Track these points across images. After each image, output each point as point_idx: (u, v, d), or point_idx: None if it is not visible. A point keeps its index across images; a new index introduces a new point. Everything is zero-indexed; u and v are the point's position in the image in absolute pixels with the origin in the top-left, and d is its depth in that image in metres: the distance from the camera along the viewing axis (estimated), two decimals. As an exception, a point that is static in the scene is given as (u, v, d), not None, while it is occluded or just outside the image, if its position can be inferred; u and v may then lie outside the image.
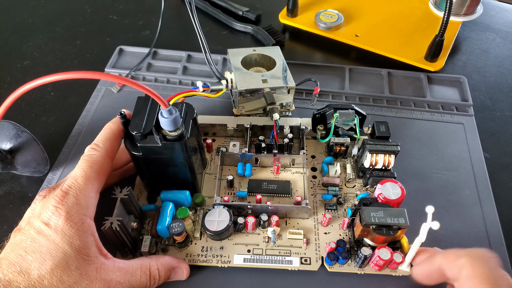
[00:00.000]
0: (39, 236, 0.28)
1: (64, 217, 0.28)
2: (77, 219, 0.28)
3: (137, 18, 0.62)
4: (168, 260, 0.33)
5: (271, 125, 0.42)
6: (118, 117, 0.34)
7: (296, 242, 0.36)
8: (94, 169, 0.31)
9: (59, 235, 0.27)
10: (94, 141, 0.33)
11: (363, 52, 0.56)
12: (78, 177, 0.30)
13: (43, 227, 0.28)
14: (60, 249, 0.27)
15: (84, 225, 0.29)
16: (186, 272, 0.34)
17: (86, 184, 0.30)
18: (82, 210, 0.29)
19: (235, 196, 0.39)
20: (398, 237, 0.33)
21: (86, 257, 0.28)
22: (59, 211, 0.28)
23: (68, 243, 0.28)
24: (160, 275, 0.32)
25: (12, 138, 0.39)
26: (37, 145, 0.39)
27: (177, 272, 0.33)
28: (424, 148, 0.45)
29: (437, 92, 0.51)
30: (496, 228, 0.38)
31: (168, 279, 0.33)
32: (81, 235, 0.28)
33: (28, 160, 0.40)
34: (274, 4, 0.63)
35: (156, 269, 0.32)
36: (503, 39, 0.60)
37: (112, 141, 0.33)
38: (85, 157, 0.32)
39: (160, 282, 0.33)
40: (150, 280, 0.31)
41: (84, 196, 0.29)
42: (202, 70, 0.53)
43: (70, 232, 0.28)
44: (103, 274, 0.28)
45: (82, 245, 0.28)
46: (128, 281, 0.30)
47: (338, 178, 0.40)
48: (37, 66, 0.54)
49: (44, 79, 0.26)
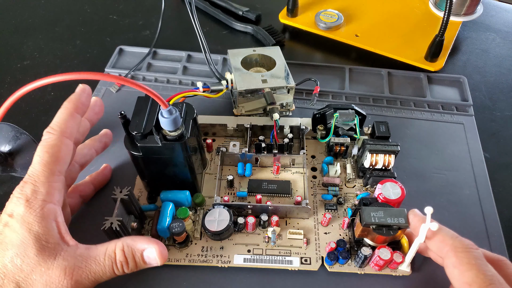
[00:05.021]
0: (5, 228, 0.28)
1: (24, 205, 0.28)
2: (37, 206, 0.28)
3: (137, 18, 0.62)
4: (135, 240, 0.30)
5: (271, 125, 0.42)
6: (74, 94, 0.33)
7: (296, 242, 0.36)
8: (51, 153, 0.30)
9: (19, 223, 0.28)
10: (50, 125, 0.32)
11: (363, 52, 0.56)
12: (35, 164, 0.30)
13: (8, 219, 0.28)
14: (19, 236, 0.27)
15: (44, 210, 0.28)
16: (158, 253, 0.30)
17: (44, 170, 0.30)
18: (41, 196, 0.29)
19: (235, 196, 0.39)
20: (398, 237, 0.33)
21: (45, 243, 0.28)
22: (20, 200, 0.28)
23: (27, 229, 0.28)
24: (126, 256, 0.30)
25: (11, 140, 0.39)
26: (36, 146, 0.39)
27: (149, 256, 0.30)
28: (424, 148, 0.45)
29: (437, 92, 0.51)
30: (496, 228, 0.38)
31: (143, 263, 0.31)
32: (41, 221, 0.28)
33: (27, 162, 0.39)
34: (274, 4, 0.63)
35: (121, 250, 0.29)
36: (503, 39, 0.60)
37: (68, 121, 0.32)
38: (41, 143, 0.31)
39: (131, 267, 0.30)
40: (115, 263, 0.29)
41: (42, 182, 0.29)
42: (202, 70, 0.53)
43: (29, 218, 0.28)
44: (60, 260, 0.28)
45: (41, 231, 0.28)
46: (90, 265, 0.29)
47: (338, 178, 0.40)
48: (37, 66, 0.54)
49: (43, 81, 0.26)
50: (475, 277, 0.27)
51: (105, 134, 0.40)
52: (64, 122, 0.32)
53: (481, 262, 0.28)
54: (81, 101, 0.34)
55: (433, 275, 0.35)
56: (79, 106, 0.33)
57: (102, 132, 0.41)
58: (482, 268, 0.27)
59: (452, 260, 0.28)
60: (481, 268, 0.27)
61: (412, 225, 0.32)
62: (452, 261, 0.28)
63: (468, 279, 0.27)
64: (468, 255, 0.28)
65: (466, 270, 0.27)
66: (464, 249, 0.28)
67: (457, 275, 0.28)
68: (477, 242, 0.29)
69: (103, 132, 0.41)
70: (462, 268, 0.28)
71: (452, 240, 0.29)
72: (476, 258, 0.28)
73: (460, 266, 0.28)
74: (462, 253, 0.28)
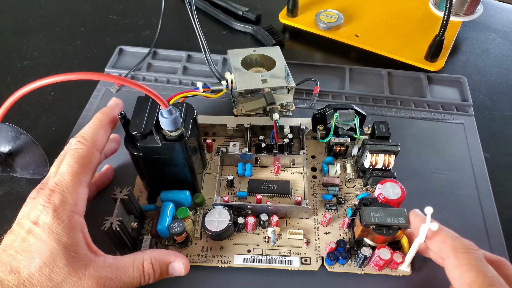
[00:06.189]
0: (29, 235, 0.28)
1: (52, 215, 0.28)
2: (65, 216, 0.28)
3: (137, 18, 0.62)
4: (163, 254, 0.32)
5: (271, 125, 0.42)
6: (108, 107, 0.33)
7: (296, 242, 0.36)
8: (81, 164, 0.30)
9: (46, 233, 0.27)
10: (81, 133, 0.32)
11: (363, 52, 0.56)
12: (64, 173, 0.30)
13: (32, 226, 0.28)
14: (48, 246, 0.27)
15: (72, 221, 0.29)
16: (184, 266, 0.32)
17: (73, 181, 0.29)
18: (70, 207, 0.29)
19: (235, 196, 0.39)
20: (398, 237, 0.33)
21: (74, 254, 0.28)
22: (46, 209, 0.28)
23: (56, 240, 0.27)
24: (154, 269, 0.31)
25: (10, 140, 0.39)
26: (36, 147, 0.39)
27: (174, 267, 0.32)
28: (424, 148, 0.45)
29: (437, 92, 0.51)
30: (496, 228, 0.38)
31: (166, 274, 0.32)
32: (69, 232, 0.28)
33: (27, 162, 0.39)
34: (274, 4, 0.63)
35: (149, 263, 0.31)
36: (503, 39, 0.60)
37: (100, 133, 0.32)
38: (71, 152, 0.31)
39: (156, 277, 0.31)
40: (143, 275, 0.30)
41: (71, 193, 0.29)
42: (202, 70, 0.53)
43: (58, 229, 0.28)
44: (92, 271, 0.28)
45: (70, 242, 0.28)
46: (120, 277, 0.29)
47: (338, 178, 0.40)
48: (37, 66, 0.54)
49: (43, 81, 0.26)
50: (475, 278, 0.27)
51: (113, 139, 0.40)
52: (96, 133, 0.32)
53: (482, 263, 0.27)
54: (114, 115, 0.34)
55: (433, 275, 0.35)
56: (112, 119, 0.34)
57: (112, 137, 0.40)
58: (483, 269, 0.27)
59: (452, 260, 0.28)
60: (481, 269, 0.27)
61: (413, 226, 0.32)
62: (452, 261, 0.28)
63: (468, 280, 0.27)
64: (468, 256, 0.28)
65: (466, 271, 0.27)
66: (465, 250, 0.28)
67: (457, 276, 0.28)
68: (477, 242, 0.29)
69: (112, 137, 0.40)
70: (462, 269, 0.27)
71: (452, 240, 0.29)
72: (476, 259, 0.28)
73: (460, 267, 0.28)
74: (463, 254, 0.28)
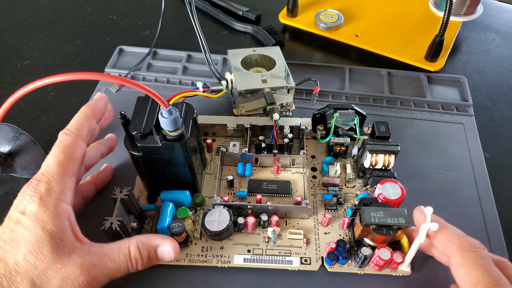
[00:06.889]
0: (17, 225, 0.28)
1: (38, 203, 0.28)
2: (50, 204, 0.29)
3: (137, 18, 0.62)
4: (150, 237, 0.32)
5: (271, 125, 0.42)
6: (93, 100, 0.35)
7: (296, 242, 0.36)
8: (66, 154, 0.31)
9: (33, 221, 0.28)
10: (67, 126, 0.33)
11: (363, 52, 0.56)
12: (50, 163, 0.30)
13: (19, 216, 0.28)
14: (33, 234, 0.28)
15: (58, 209, 0.29)
16: (173, 249, 0.32)
17: (59, 170, 0.30)
18: (56, 194, 0.29)
19: (235, 196, 0.39)
20: (398, 237, 0.33)
21: (59, 241, 0.28)
22: (33, 198, 0.28)
23: (41, 227, 0.28)
24: (142, 253, 0.31)
25: (10, 141, 0.39)
26: (36, 147, 0.39)
27: (162, 251, 0.32)
28: (424, 148, 0.45)
29: (437, 92, 0.51)
30: (496, 228, 0.38)
31: (156, 259, 0.32)
32: (55, 219, 0.28)
33: (27, 162, 0.39)
34: (274, 4, 0.63)
35: (136, 247, 0.30)
36: (503, 39, 0.60)
37: (85, 124, 0.33)
38: (57, 143, 0.32)
39: (145, 263, 0.31)
40: (130, 260, 0.30)
41: (57, 182, 0.30)
42: (202, 70, 0.53)
43: (43, 216, 0.28)
44: (75, 258, 0.28)
45: (56, 229, 0.28)
46: (105, 263, 0.29)
47: (338, 178, 0.40)
48: (37, 66, 0.54)
49: (43, 81, 0.26)
50: (481, 277, 0.26)
51: (110, 138, 0.41)
52: (81, 125, 0.33)
53: (488, 262, 0.27)
54: (98, 108, 0.35)
55: (433, 275, 0.35)
56: (96, 112, 0.35)
57: (108, 136, 0.41)
58: (489, 269, 0.27)
59: (458, 259, 0.28)
60: (487, 268, 0.27)
61: (418, 223, 0.31)
62: (458, 260, 0.28)
63: (474, 279, 0.27)
64: (474, 255, 0.28)
65: (472, 269, 0.27)
66: (471, 248, 0.28)
67: (463, 274, 0.28)
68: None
69: (109, 136, 0.41)
70: (468, 268, 0.27)
71: (458, 239, 0.29)
72: (482, 258, 0.27)
73: (466, 266, 0.27)
74: (468, 252, 0.28)
